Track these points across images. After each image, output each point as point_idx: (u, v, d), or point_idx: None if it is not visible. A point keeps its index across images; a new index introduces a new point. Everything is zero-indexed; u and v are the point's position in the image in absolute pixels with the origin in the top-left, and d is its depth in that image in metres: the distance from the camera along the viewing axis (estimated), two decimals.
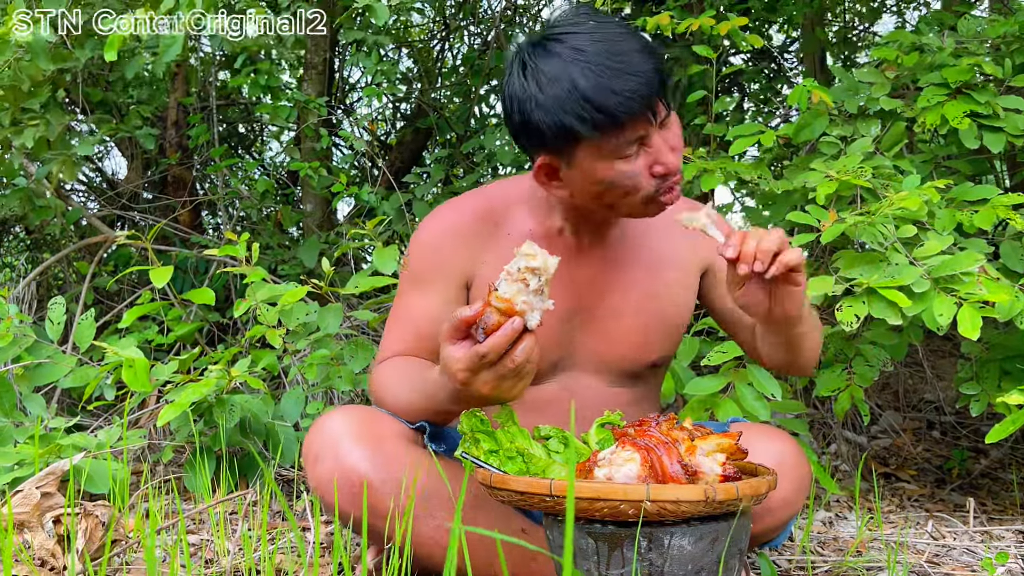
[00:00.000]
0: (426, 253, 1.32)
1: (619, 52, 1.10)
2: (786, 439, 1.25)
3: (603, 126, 1.10)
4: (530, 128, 1.15)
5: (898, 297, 1.56)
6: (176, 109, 3.48)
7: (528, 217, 1.32)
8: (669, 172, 1.16)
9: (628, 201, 1.19)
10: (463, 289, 1.31)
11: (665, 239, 1.36)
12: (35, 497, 1.31)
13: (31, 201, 2.82)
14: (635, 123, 1.12)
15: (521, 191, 1.34)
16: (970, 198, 1.79)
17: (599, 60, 1.10)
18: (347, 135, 3.14)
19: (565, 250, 1.30)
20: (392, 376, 1.26)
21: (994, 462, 2.34)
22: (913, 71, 2.04)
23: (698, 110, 2.94)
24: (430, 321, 1.29)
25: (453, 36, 4.23)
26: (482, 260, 1.30)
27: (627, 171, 1.15)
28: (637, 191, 1.17)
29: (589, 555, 0.99)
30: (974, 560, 1.53)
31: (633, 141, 1.13)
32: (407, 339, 1.30)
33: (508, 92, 1.18)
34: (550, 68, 1.12)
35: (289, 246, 3.36)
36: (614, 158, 1.14)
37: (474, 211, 1.32)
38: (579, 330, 1.32)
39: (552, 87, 1.11)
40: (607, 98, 1.09)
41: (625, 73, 1.09)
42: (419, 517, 1.16)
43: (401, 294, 1.34)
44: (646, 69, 1.10)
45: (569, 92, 1.10)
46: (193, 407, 1.88)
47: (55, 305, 2.04)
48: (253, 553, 1.36)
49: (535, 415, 1.29)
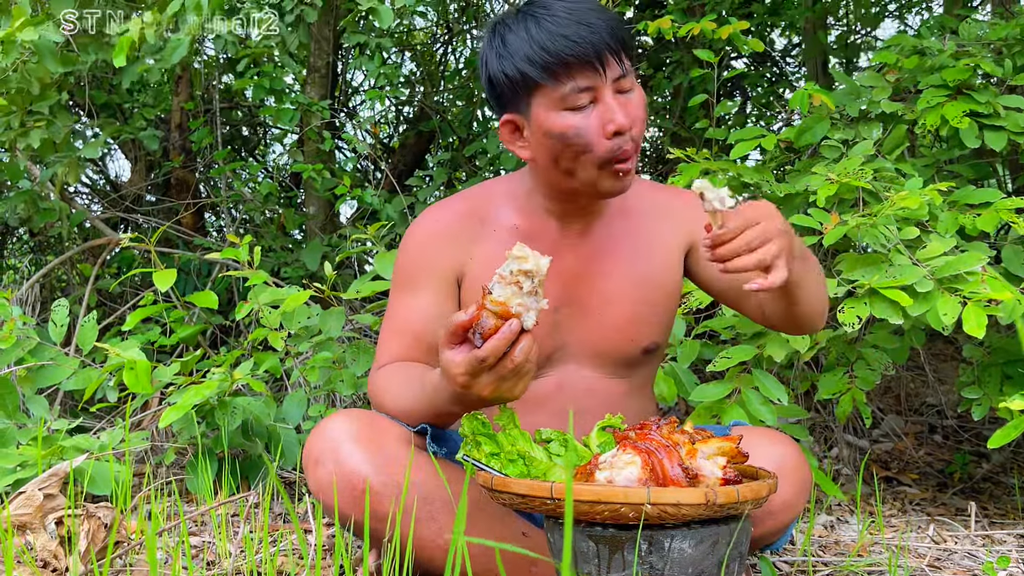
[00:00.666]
0: (414, 256, 1.33)
1: (578, 8, 1.17)
2: (787, 442, 1.25)
3: (552, 69, 1.16)
4: (492, 83, 1.23)
5: (901, 297, 1.55)
6: (180, 112, 3.49)
7: (513, 212, 1.33)
8: (620, 130, 1.18)
9: (583, 164, 1.20)
10: (454, 287, 1.33)
11: (647, 224, 1.36)
12: (37, 499, 1.32)
13: (35, 204, 2.83)
14: (584, 70, 1.16)
15: (504, 188, 1.36)
16: (972, 201, 1.79)
17: (557, 13, 1.17)
18: (350, 138, 3.15)
19: (551, 242, 1.31)
20: (391, 381, 1.27)
21: (996, 466, 2.34)
22: (914, 74, 2.04)
23: (700, 114, 2.95)
24: (425, 322, 1.30)
25: (456, 39, 4.24)
26: (470, 256, 1.32)
27: (578, 124, 1.18)
28: (589, 150, 1.19)
29: (590, 558, 0.99)
30: (975, 564, 1.53)
31: (583, 90, 1.17)
32: (403, 343, 1.31)
33: (480, 56, 1.25)
34: (514, 24, 1.20)
35: (292, 248, 3.36)
36: (564, 107, 1.18)
37: (457, 211, 1.35)
38: (570, 321, 1.32)
39: (512, 39, 1.19)
40: (556, 42, 1.15)
41: (577, 23, 1.16)
42: (420, 520, 1.17)
43: (393, 299, 1.35)
44: (599, 23, 1.16)
45: (524, 40, 1.18)
46: (195, 409, 1.88)
47: (58, 307, 2.05)
48: (255, 555, 1.36)
49: (533, 410, 1.30)
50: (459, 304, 1.33)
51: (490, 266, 1.25)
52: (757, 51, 2.17)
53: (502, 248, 1.25)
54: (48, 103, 2.45)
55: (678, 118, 3.41)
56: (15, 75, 2.28)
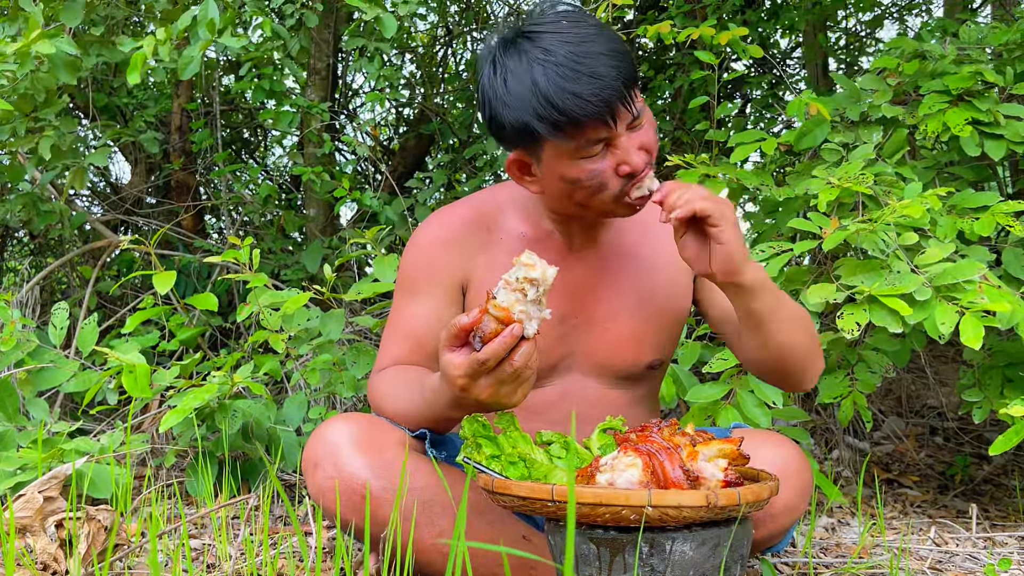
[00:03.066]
0: (419, 263, 1.33)
1: (585, 55, 1.12)
2: (788, 445, 1.25)
3: (562, 127, 1.13)
4: (497, 125, 1.19)
5: (899, 305, 1.56)
6: (180, 114, 3.50)
7: (520, 220, 1.33)
8: (634, 172, 1.17)
9: (598, 200, 1.20)
10: (459, 293, 1.32)
11: (659, 241, 1.36)
12: (37, 501, 1.31)
13: (36, 206, 2.83)
14: (595, 125, 1.13)
15: (512, 195, 1.35)
16: (971, 205, 1.79)
17: (563, 62, 1.12)
18: (350, 140, 3.15)
19: (558, 252, 1.31)
20: (391, 384, 1.26)
21: (997, 468, 2.34)
22: (915, 78, 2.04)
23: (700, 115, 2.95)
24: (427, 327, 1.29)
25: (456, 41, 4.25)
26: (475, 263, 1.31)
27: (593, 170, 1.17)
28: (604, 190, 1.18)
29: (591, 560, 0.99)
30: (977, 567, 1.53)
31: (596, 142, 1.15)
32: (405, 347, 1.30)
33: (480, 88, 1.21)
34: (516, 67, 1.15)
35: (292, 251, 3.36)
36: (578, 158, 1.16)
37: (464, 217, 1.34)
38: (575, 332, 1.32)
39: (516, 86, 1.14)
40: (565, 100, 1.11)
41: (585, 76, 1.11)
42: (420, 524, 1.16)
43: (397, 303, 1.35)
44: (608, 73, 1.12)
45: (531, 92, 1.13)
46: (195, 412, 1.88)
47: (58, 310, 2.05)
48: (255, 558, 1.36)
49: (535, 418, 1.30)
50: (463, 311, 1.32)
51: (495, 273, 1.25)
52: (756, 57, 2.17)
53: (508, 256, 1.25)
54: (55, 110, 2.46)
55: (678, 120, 3.41)
56: (24, 82, 2.30)
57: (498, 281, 1.02)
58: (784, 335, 1.23)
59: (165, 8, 2.59)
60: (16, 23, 2.30)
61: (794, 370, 1.28)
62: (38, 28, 2.15)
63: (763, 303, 1.19)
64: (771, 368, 1.29)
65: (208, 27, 2.17)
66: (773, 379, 1.33)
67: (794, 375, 1.29)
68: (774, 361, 1.27)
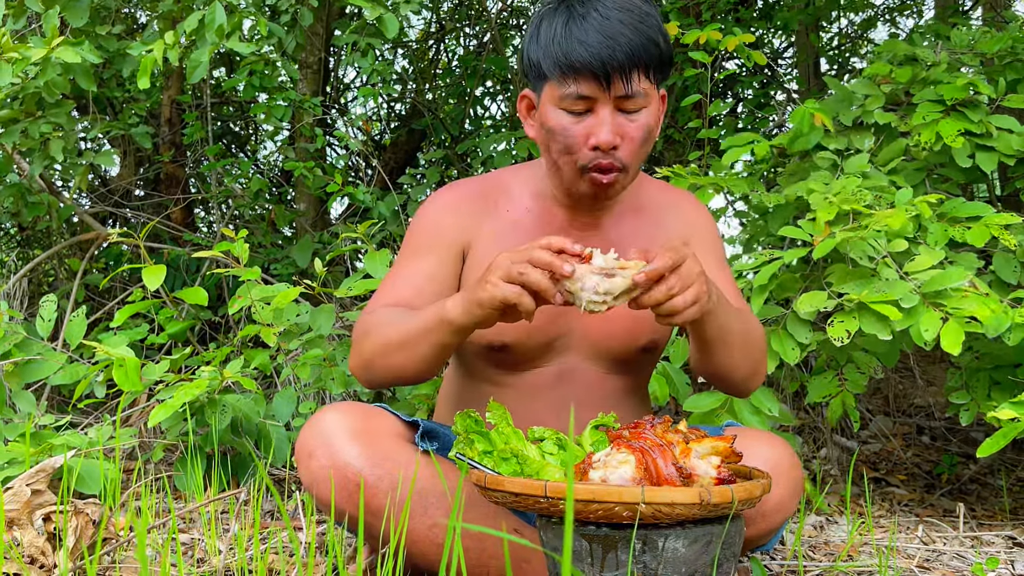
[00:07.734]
0: (426, 224, 1.36)
1: (614, 21, 1.17)
2: (781, 443, 1.26)
3: (559, 68, 1.18)
4: (522, 59, 1.28)
5: (888, 310, 1.59)
6: (170, 106, 3.47)
7: (527, 197, 1.36)
8: (600, 147, 1.19)
9: (566, 163, 1.24)
10: (459, 257, 1.34)
11: (657, 224, 1.38)
12: (25, 494, 1.30)
13: (24, 198, 2.80)
14: (588, 80, 1.17)
15: (520, 174, 1.39)
16: (962, 215, 1.81)
17: (592, 20, 1.17)
18: (342, 135, 3.14)
19: (559, 230, 1.33)
20: (382, 316, 1.26)
21: (983, 468, 2.36)
22: (907, 85, 2.06)
23: (692, 113, 2.95)
24: (424, 282, 1.31)
25: (449, 37, 4.24)
26: (480, 232, 1.34)
27: (567, 126, 1.21)
28: (571, 153, 1.22)
29: (583, 557, 0.99)
30: (964, 565, 1.54)
31: (581, 97, 1.19)
32: (400, 295, 1.31)
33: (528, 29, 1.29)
34: (557, 16, 1.21)
35: (282, 245, 3.35)
36: (561, 107, 1.20)
37: (473, 190, 1.38)
38: (572, 311, 1.33)
39: (545, 27, 1.22)
40: (571, 46, 1.17)
41: (603, 34, 1.16)
42: (414, 515, 1.16)
43: (398, 261, 1.37)
44: (624, 43, 1.16)
45: (554, 34, 1.20)
46: (185, 406, 1.87)
47: (46, 302, 2.03)
48: (245, 552, 1.35)
49: (532, 401, 1.31)
50: (459, 277, 1.33)
51: (497, 244, 1.29)
52: (760, 63, 2.18)
53: (512, 228, 1.31)
54: (65, 111, 2.46)
55: (670, 118, 3.42)
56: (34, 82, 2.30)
57: (502, 254, 1.07)
58: (728, 358, 1.27)
59: (169, 8, 2.59)
60: (21, 19, 2.30)
61: (733, 384, 1.33)
62: (56, 33, 2.17)
63: (712, 331, 1.21)
64: (711, 377, 1.34)
65: (217, 32, 2.19)
66: (715, 385, 1.38)
67: (733, 389, 1.35)
68: (715, 376, 1.32)
